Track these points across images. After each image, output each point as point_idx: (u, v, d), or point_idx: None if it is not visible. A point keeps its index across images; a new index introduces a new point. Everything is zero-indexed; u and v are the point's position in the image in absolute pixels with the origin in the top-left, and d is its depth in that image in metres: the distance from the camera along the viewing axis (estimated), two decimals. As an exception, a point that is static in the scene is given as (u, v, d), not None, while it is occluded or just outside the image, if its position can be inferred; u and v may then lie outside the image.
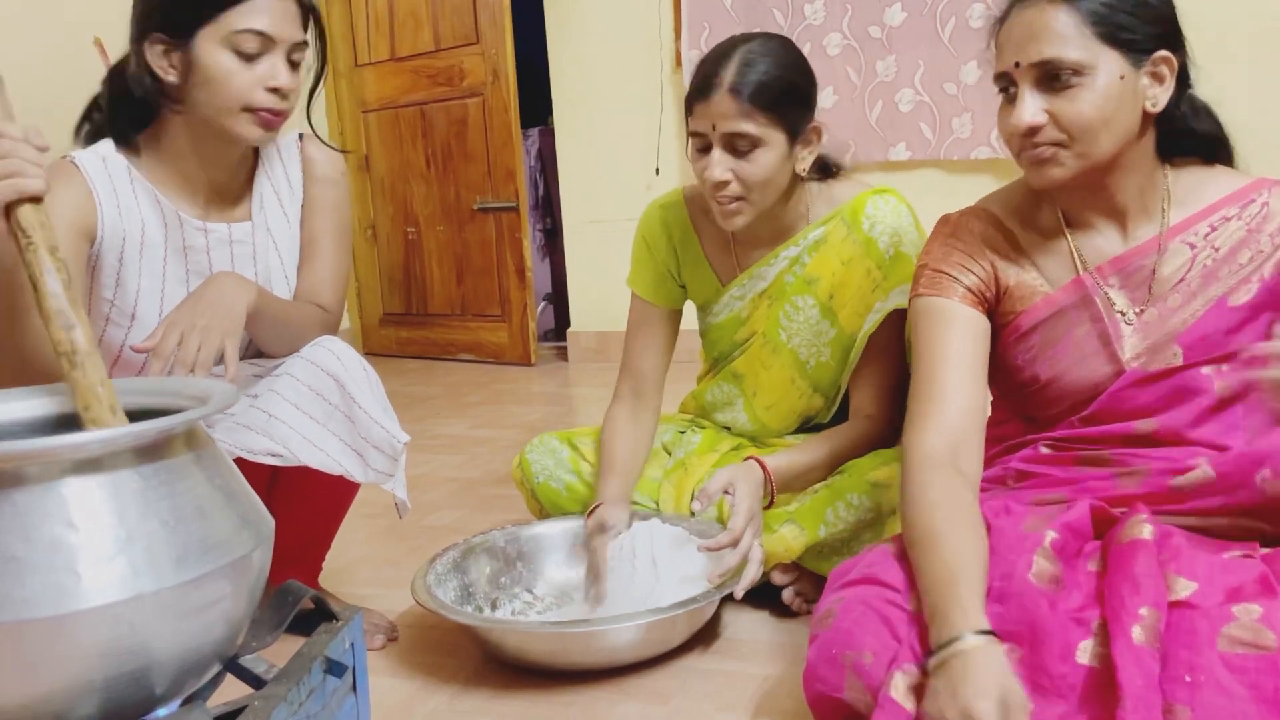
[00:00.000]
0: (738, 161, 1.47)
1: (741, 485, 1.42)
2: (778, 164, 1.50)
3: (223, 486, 0.88)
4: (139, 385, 0.99)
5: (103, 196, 1.33)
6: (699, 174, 1.51)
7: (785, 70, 1.49)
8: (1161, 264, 1.18)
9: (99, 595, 0.77)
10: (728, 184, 1.48)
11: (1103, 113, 1.11)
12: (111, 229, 1.33)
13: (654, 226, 1.72)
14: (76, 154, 1.35)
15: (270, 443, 1.32)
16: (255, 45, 1.30)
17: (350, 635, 1.03)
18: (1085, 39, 1.10)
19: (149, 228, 1.35)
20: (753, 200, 1.51)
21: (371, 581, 1.80)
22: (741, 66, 1.45)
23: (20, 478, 0.77)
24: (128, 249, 1.34)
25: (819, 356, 1.64)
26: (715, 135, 1.47)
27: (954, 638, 0.95)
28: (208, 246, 1.38)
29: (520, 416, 3.08)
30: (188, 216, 1.37)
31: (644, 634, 1.34)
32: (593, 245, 3.82)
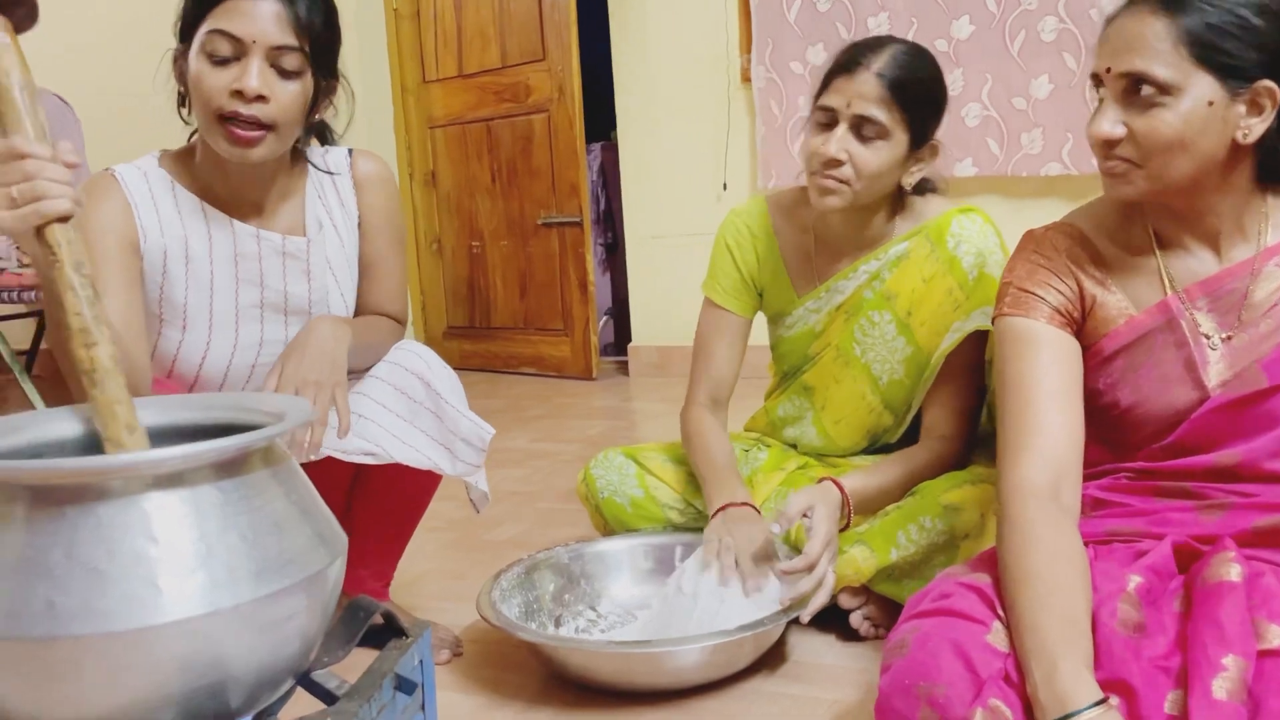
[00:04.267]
0: (858, 145, 1.49)
1: (820, 508, 1.40)
2: (892, 164, 1.51)
3: (298, 502, 0.89)
4: (216, 401, 1.01)
5: (141, 210, 1.34)
6: (812, 149, 1.51)
7: (929, 79, 1.53)
8: (1255, 287, 1.14)
9: (179, 609, 0.77)
10: (841, 164, 1.49)
11: (1181, 137, 1.06)
12: (153, 242, 1.34)
13: (739, 232, 1.72)
14: (118, 167, 1.36)
15: (363, 442, 1.34)
16: (226, 48, 1.24)
17: (419, 652, 1.03)
18: (1178, 57, 1.05)
19: (193, 239, 1.35)
20: (855, 189, 1.51)
21: (437, 595, 1.81)
22: (892, 58, 1.49)
23: (104, 491, 0.78)
24: (170, 263, 1.35)
25: (892, 373, 1.62)
26: (846, 113, 1.48)
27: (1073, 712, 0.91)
28: (259, 254, 1.39)
29: (581, 431, 3.08)
30: (239, 223, 1.37)
31: (710, 656, 1.33)
32: (655, 260, 3.81)
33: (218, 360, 1.38)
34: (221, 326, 1.38)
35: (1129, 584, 1.02)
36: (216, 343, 1.38)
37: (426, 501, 1.57)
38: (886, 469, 1.54)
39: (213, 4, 1.25)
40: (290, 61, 1.27)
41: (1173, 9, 1.06)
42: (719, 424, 1.71)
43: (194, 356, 1.38)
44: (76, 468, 0.77)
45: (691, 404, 1.74)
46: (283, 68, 1.26)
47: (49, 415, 0.97)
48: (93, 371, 0.88)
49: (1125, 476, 1.20)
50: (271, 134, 1.28)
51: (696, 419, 1.71)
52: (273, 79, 1.26)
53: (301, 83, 1.29)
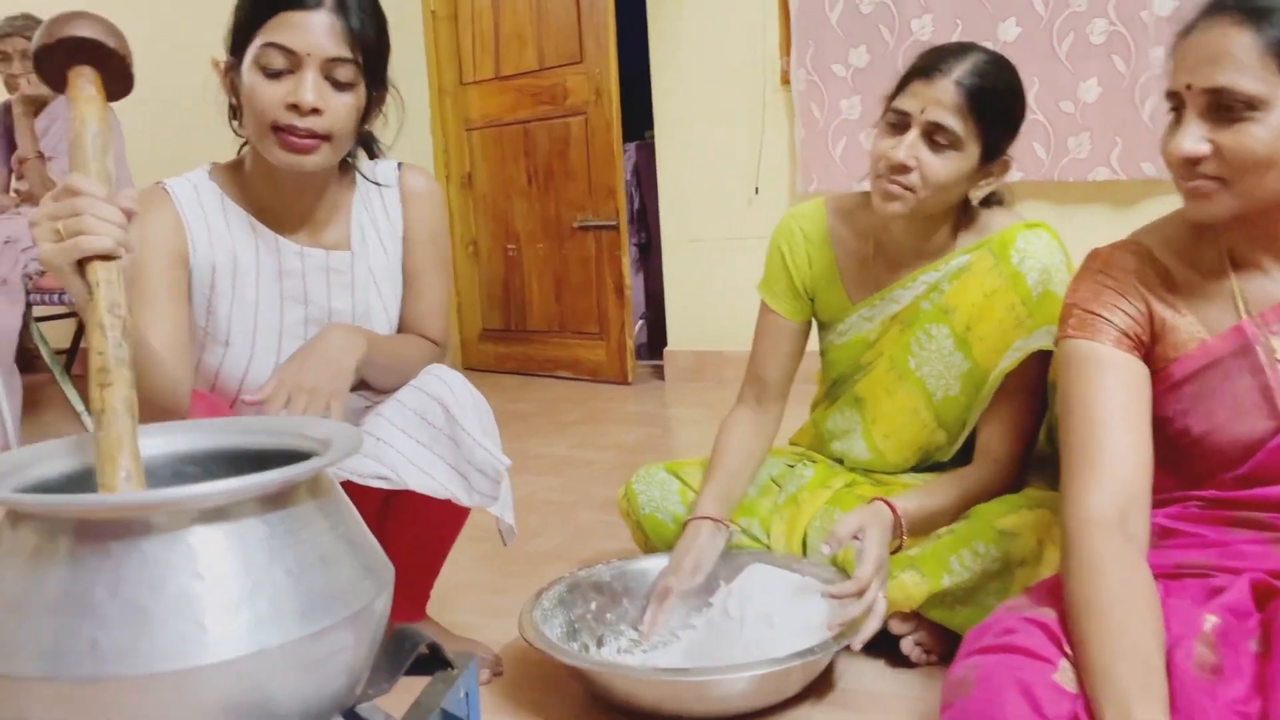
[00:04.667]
0: (928, 153, 1.45)
1: (872, 530, 1.37)
2: (961, 176, 1.48)
3: (345, 534, 0.87)
4: (260, 425, 0.99)
5: (192, 223, 1.33)
6: (880, 152, 1.48)
7: (1009, 92, 1.48)
8: None
9: (224, 649, 0.75)
10: (908, 170, 1.45)
11: (1272, 153, 1.02)
12: (202, 256, 1.33)
13: (791, 235, 1.68)
14: (169, 180, 1.35)
15: (378, 466, 1.32)
16: (280, 61, 1.23)
17: (465, 684, 1.01)
18: (1267, 70, 1.00)
19: (240, 255, 1.34)
20: (920, 198, 1.47)
21: (475, 609, 1.79)
22: (974, 67, 1.45)
23: (148, 527, 0.76)
24: (218, 277, 1.34)
25: (948, 389, 1.58)
26: (919, 119, 1.45)
27: None
28: (303, 271, 1.37)
29: (618, 437, 3.05)
30: (284, 240, 1.36)
31: (758, 684, 1.30)
32: (691, 264, 3.78)
33: (258, 378, 1.36)
34: (264, 344, 1.36)
35: (1204, 624, 0.98)
36: (258, 360, 1.36)
37: (457, 529, 1.54)
38: (940, 490, 1.49)
39: (265, 17, 1.23)
40: (344, 73, 1.26)
41: (1258, 20, 1.01)
42: (755, 425, 1.68)
43: (236, 373, 1.36)
44: (122, 503, 0.75)
45: (738, 402, 1.74)
46: (336, 79, 1.25)
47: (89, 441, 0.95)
48: (101, 412, 0.86)
49: (1195, 505, 1.15)
50: (326, 144, 1.27)
51: (730, 420, 1.71)
52: (327, 91, 1.25)
53: (354, 94, 1.28)
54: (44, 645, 0.74)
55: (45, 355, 3.27)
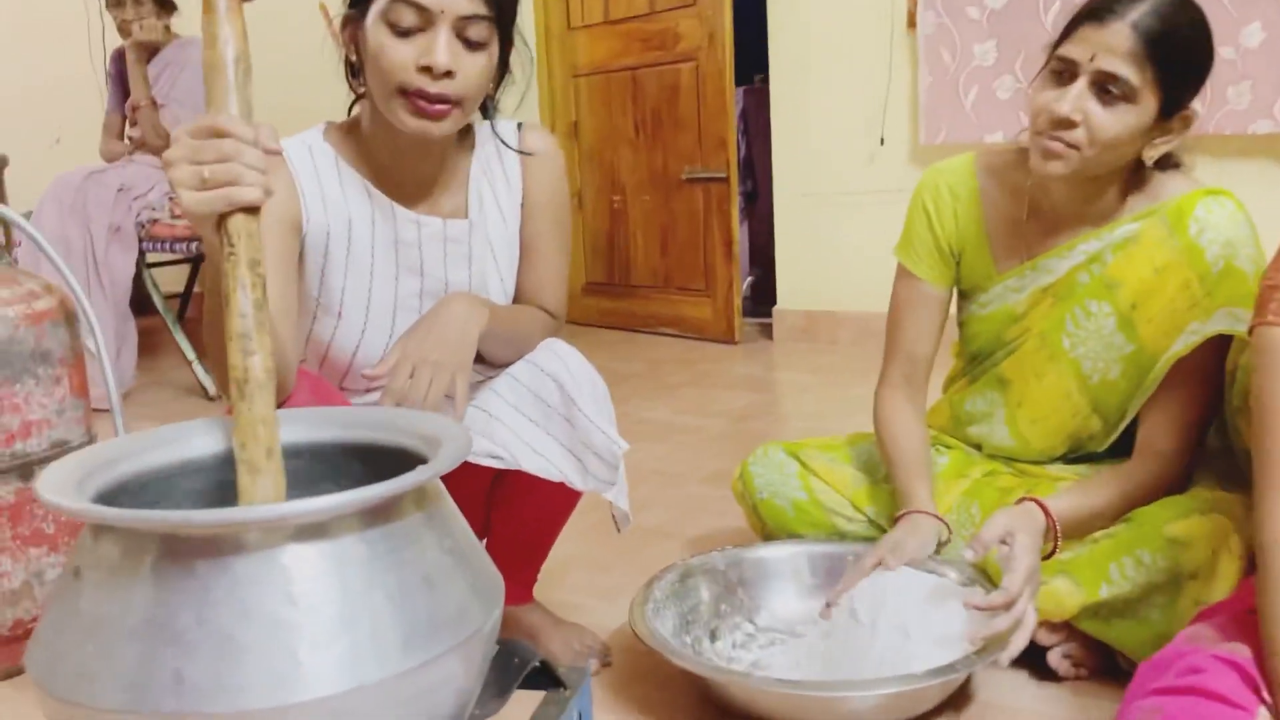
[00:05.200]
0: (1097, 106, 1.29)
1: (1022, 536, 1.23)
2: (1134, 132, 1.31)
3: (453, 549, 0.78)
4: (365, 418, 0.90)
5: (307, 188, 1.25)
6: (1041, 105, 1.33)
7: (1194, 36, 1.30)
8: None
9: (319, 685, 0.67)
10: (1074, 125, 1.30)
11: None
12: (316, 224, 1.25)
13: (937, 192, 1.53)
14: (282, 140, 1.26)
15: (490, 444, 1.25)
16: (411, 18, 1.14)
17: (579, 705, 0.92)
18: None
19: (356, 222, 1.27)
20: (1085, 156, 1.31)
21: (582, 589, 1.71)
22: (1153, 8, 1.27)
23: (239, 545, 0.68)
24: (332, 244, 1.26)
25: (1106, 373, 1.42)
26: (1088, 67, 1.29)
27: None
28: (420, 240, 1.29)
29: (725, 403, 2.94)
30: (400, 208, 1.28)
31: (893, 701, 1.19)
32: (805, 219, 3.61)
33: (371, 352, 1.29)
34: (378, 316, 1.28)
35: None
36: (371, 333, 1.29)
37: (568, 513, 1.46)
38: (1098, 489, 1.34)
39: None
40: (477, 31, 1.16)
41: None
42: (914, 409, 1.54)
43: (348, 346, 1.29)
44: (209, 521, 0.67)
45: (884, 384, 1.58)
46: (469, 38, 1.16)
47: (191, 429, 0.88)
48: (245, 382, 0.78)
49: None
50: (457, 109, 1.18)
51: (888, 403, 1.55)
52: (460, 51, 1.16)
53: (487, 53, 1.18)
54: (126, 674, 0.67)
55: (158, 302, 3.30)
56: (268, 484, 0.78)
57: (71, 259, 3.12)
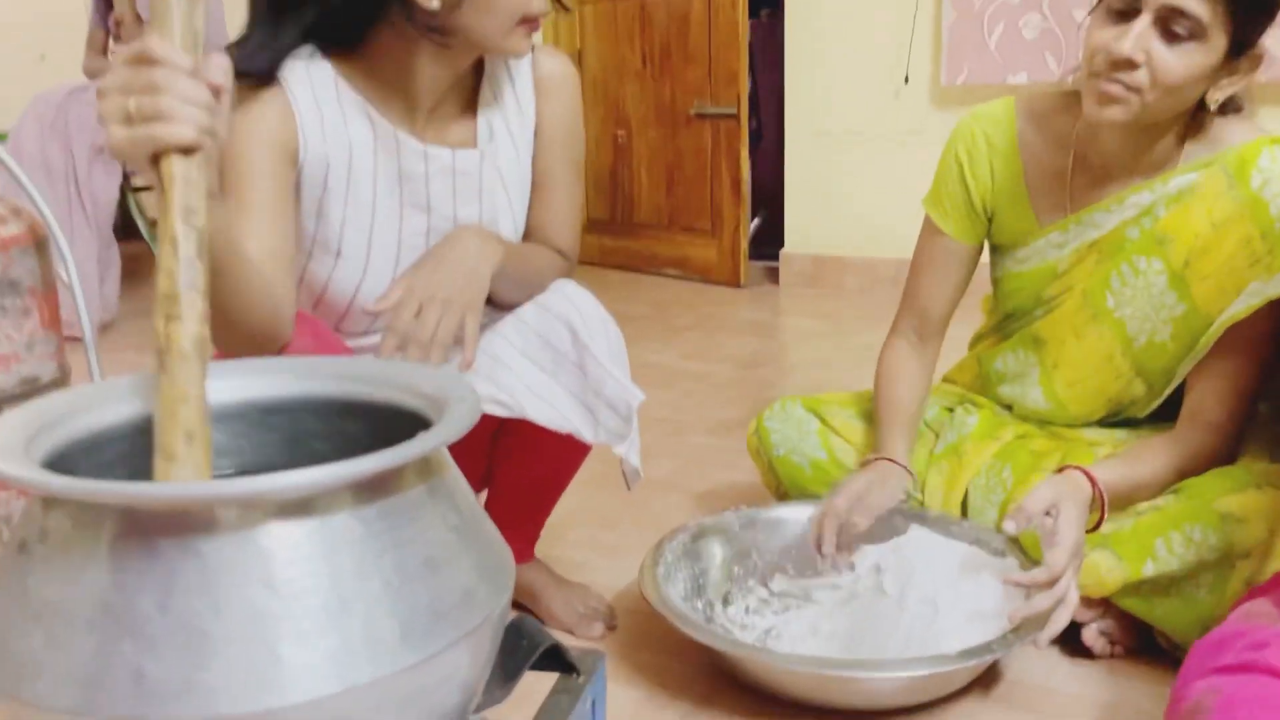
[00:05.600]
0: (1162, 45, 1.18)
1: (1068, 508, 1.14)
2: (1200, 74, 1.20)
3: (458, 526, 0.68)
4: (359, 370, 0.80)
5: (305, 113, 1.12)
6: (1099, 44, 1.22)
7: None
8: None
9: (304, 687, 0.58)
10: (1135, 67, 1.19)
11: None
12: (314, 152, 1.13)
13: (973, 142, 1.42)
14: None
15: (495, 389, 1.15)
16: None
17: (593, 692, 0.83)
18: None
19: (357, 151, 1.15)
20: (1146, 100, 1.21)
21: (585, 545, 1.63)
22: None
23: (210, 523, 0.58)
24: (332, 176, 1.14)
25: (1154, 335, 1.32)
26: (1152, 3, 1.18)
27: None
28: (426, 174, 1.17)
29: (731, 349, 2.84)
30: (405, 137, 1.16)
31: (922, 683, 1.11)
32: (818, 159, 3.47)
33: (372, 293, 1.18)
34: (381, 255, 1.18)
35: None
36: (373, 274, 1.18)
37: (575, 466, 1.37)
38: (1145, 458, 1.25)
39: None
40: None
41: None
42: (919, 362, 1.47)
43: (347, 287, 1.18)
44: (175, 495, 0.57)
45: (894, 333, 1.50)
46: None
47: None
48: (165, 352, 0.67)
49: None
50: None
51: (893, 355, 1.48)
52: None
53: None
54: (78, 670, 0.57)
55: (142, 228, 3.18)
56: (185, 472, 0.67)
57: (52, 180, 2.99)
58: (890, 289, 3.36)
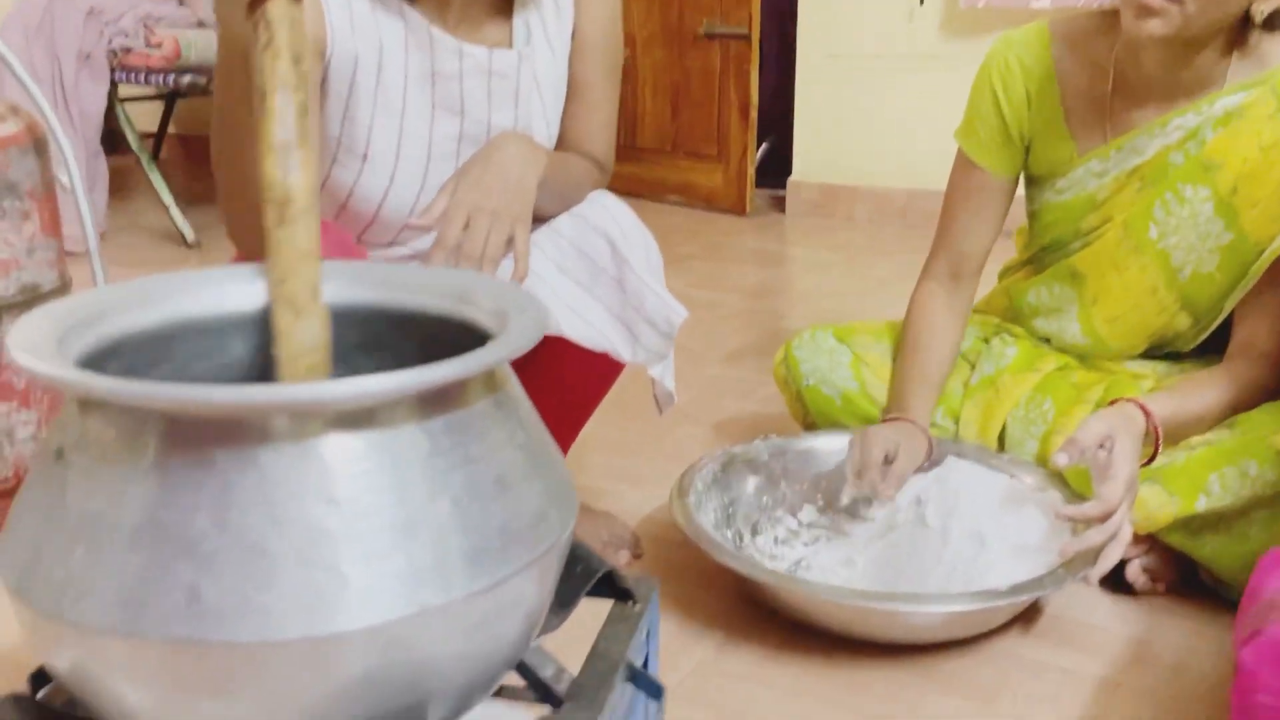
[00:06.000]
0: None
1: (1123, 440, 1.10)
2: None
3: (525, 444, 0.63)
4: (404, 277, 0.74)
5: (333, 6, 1.06)
6: None
7: None
8: None
9: (371, 610, 0.53)
10: None
11: None
12: (342, 48, 1.06)
13: (1006, 67, 1.35)
14: None
15: None
16: None
17: (649, 621, 0.80)
18: None
19: (388, 47, 1.08)
20: (1188, 14, 1.14)
21: (606, 474, 1.59)
22: None
23: (269, 434, 0.53)
24: (360, 74, 1.07)
25: (1200, 265, 1.28)
26: None
27: None
28: (461, 73, 1.10)
29: (739, 278, 2.78)
30: (439, 33, 1.09)
31: (964, 617, 1.08)
32: (829, 84, 3.38)
33: (400, 201, 1.12)
34: (409, 161, 1.11)
35: None
36: (401, 181, 1.11)
37: (608, 387, 1.31)
38: (1200, 391, 1.21)
39: None
40: None
41: None
42: (953, 312, 1.40)
43: (373, 194, 1.12)
44: (235, 401, 0.52)
45: (926, 276, 1.43)
46: None
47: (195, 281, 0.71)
48: (286, 204, 0.63)
49: None
50: None
51: (926, 302, 1.41)
52: None
53: None
54: (125, 588, 0.52)
55: (131, 139, 3.06)
56: (313, 328, 0.64)
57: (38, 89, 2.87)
58: (901, 220, 3.30)
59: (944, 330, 1.39)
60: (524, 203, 1.02)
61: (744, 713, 1.04)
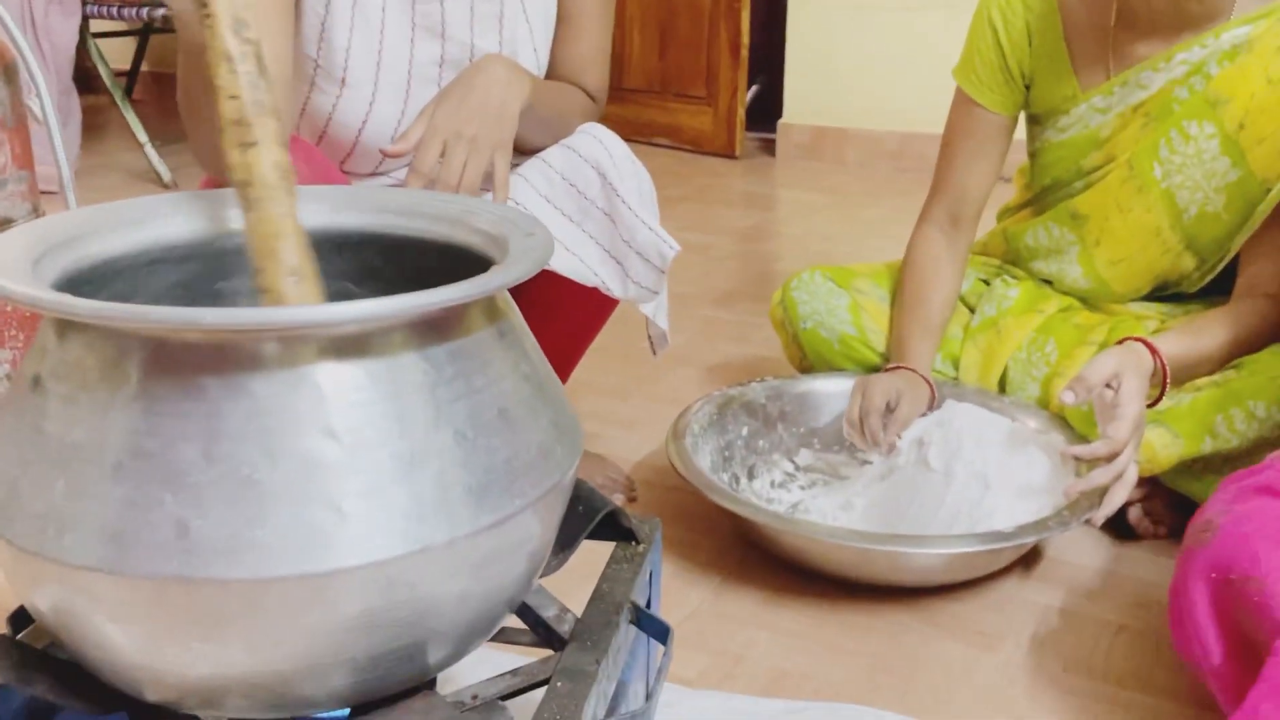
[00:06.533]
0: None
1: (1130, 379, 1.07)
2: None
3: (531, 376, 0.60)
4: (396, 201, 0.70)
5: None
6: None
7: None
8: None
9: (372, 546, 0.51)
10: None
11: None
12: None
13: (1008, 2, 1.31)
14: None
15: None
16: None
17: (652, 561, 0.77)
18: None
19: None
20: None
21: (596, 416, 1.56)
22: None
23: (260, 360, 0.50)
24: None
25: (1206, 204, 1.25)
26: None
27: None
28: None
29: (729, 221, 2.74)
30: None
31: (968, 558, 1.06)
32: (821, 23, 3.30)
33: (380, 128, 1.07)
34: (389, 86, 1.06)
35: None
36: (381, 106, 1.06)
37: (600, 324, 1.28)
38: (1208, 331, 1.19)
39: None
40: None
41: None
42: (952, 258, 1.36)
43: (352, 120, 1.07)
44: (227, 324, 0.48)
45: (925, 220, 1.40)
46: None
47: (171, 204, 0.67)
48: (248, 185, 0.59)
49: None
50: None
51: (925, 247, 1.37)
52: None
53: None
54: (110, 523, 0.49)
55: (104, 76, 2.98)
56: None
57: (7, 21, 2.77)
58: (892, 163, 3.26)
59: (944, 277, 1.35)
60: (505, 129, 0.98)
61: (742, 656, 1.03)
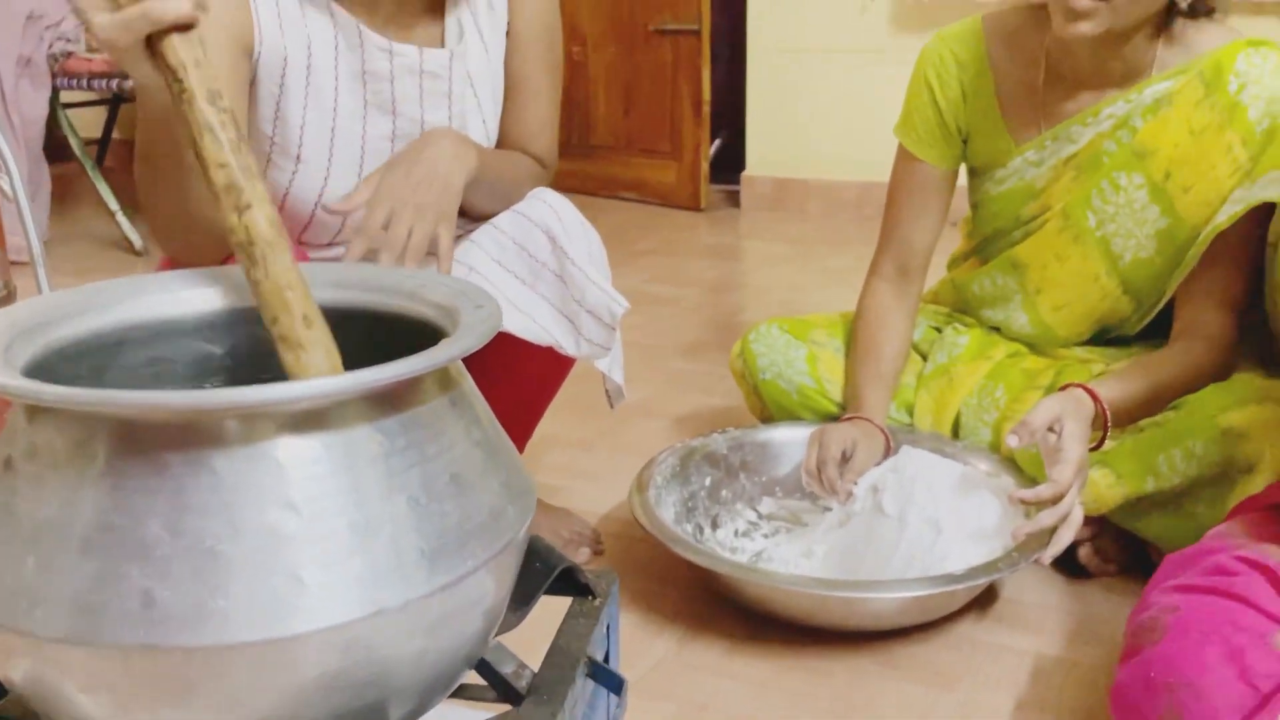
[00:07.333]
0: None
1: (1071, 423, 1.12)
2: None
3: (482, 441, 0.64)
4: (353, 276, 0.74)
5: (261, 3, 1.05)
6: None
7: None
8: None
9: (328, 611, 0.53)
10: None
11: None
12: (270, 47, 1.05)
13: (941, 62, 1.37)
14: None
15: None
16: None
17: (608, 616, 0.80)
18: None
19: (316, 47, 1.07)
20: (1116, 7, 1.17)
21: (562, 471, 1.59)
22: None
23: (221, 437, 0.53)
24: (290, 74, 1.06)
25: (1139, 251, 1.30)
26: None
27: None
28: (391, 73, 1.10)
29: (696, 273, 2.79)
30: (369, 31, 1.08)
31: (922, 602, 1.09)
32: (781, 78, 3.39)
33: None
34: (343, 161, 1.10)
35: None
36: (335, 181, 1.10)
37: (558, 384, 1.32)
38: (1146, 374, 1.24)
39: None
40: None
41: None
42: (903, 309, 1.41)
43: (309, 195, 1.11)
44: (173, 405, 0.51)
45: (874, 274, 1.44)
46: None
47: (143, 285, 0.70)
48: (251, 245, 0.62)
49: None
50: None
51: (875, 301, 1.42)
52: None
53: None
54: (78, 596, 0.52)
55: (75, 146, 3.01)
56: (316, 357, 0.63)
57: (-24, 95, 2.81)
58: (853, 213, 3.33)
59: (895, 327, 1.40)
60: (449, 201, 1.01)
61: (707, 705, 1.05)
